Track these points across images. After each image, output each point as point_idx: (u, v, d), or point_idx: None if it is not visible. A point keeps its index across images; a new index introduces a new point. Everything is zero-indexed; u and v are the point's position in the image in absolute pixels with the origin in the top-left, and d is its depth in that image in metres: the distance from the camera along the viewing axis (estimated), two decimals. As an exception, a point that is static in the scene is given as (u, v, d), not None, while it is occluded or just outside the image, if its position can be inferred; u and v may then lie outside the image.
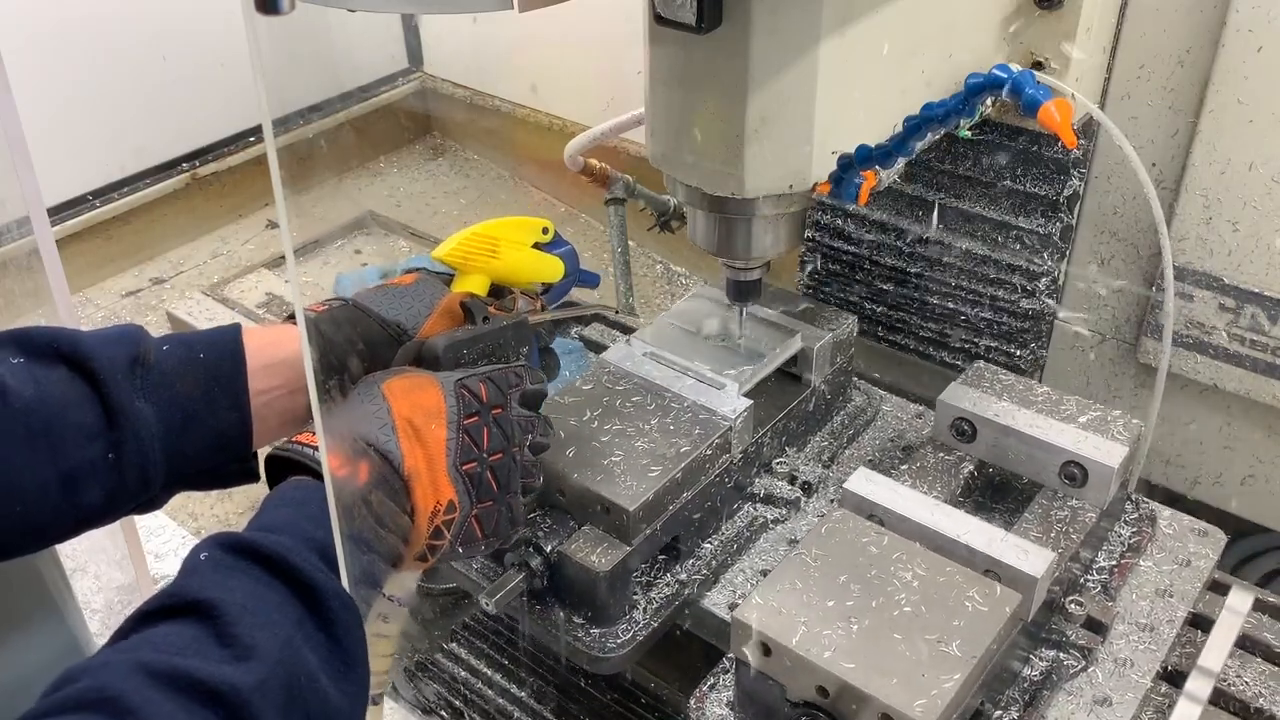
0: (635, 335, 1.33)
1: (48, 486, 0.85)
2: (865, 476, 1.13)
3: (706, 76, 1.00)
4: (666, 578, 1.18)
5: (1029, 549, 1.03)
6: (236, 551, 0.77)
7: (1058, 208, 1.34)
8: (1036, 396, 1.22)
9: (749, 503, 1.27)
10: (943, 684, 0.90)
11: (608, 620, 1.12)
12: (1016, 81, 1.01)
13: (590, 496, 1.11)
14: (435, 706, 1.52)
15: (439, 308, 1.07)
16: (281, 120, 3.03)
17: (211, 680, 0.67)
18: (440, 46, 3.37)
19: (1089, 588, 1.16)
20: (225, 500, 2.25)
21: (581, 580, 1.10)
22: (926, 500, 1.10)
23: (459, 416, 0.92)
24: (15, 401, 0.84)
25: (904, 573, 1.01)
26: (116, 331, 0.93)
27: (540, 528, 1.12)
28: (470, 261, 1.11)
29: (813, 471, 1.30)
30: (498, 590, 1.09)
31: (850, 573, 1.01)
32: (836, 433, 1.38)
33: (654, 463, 1.13)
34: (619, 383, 1.24)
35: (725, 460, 1.20)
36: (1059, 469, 1.16)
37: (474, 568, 1.19)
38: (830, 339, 1.32)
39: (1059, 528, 1.12)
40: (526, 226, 1.15)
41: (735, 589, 1.19)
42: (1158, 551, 1.21)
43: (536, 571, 1.11)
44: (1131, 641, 1.11)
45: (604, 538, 1.11)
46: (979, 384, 1.24)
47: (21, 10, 2.58)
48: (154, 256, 3.04)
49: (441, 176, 3.38)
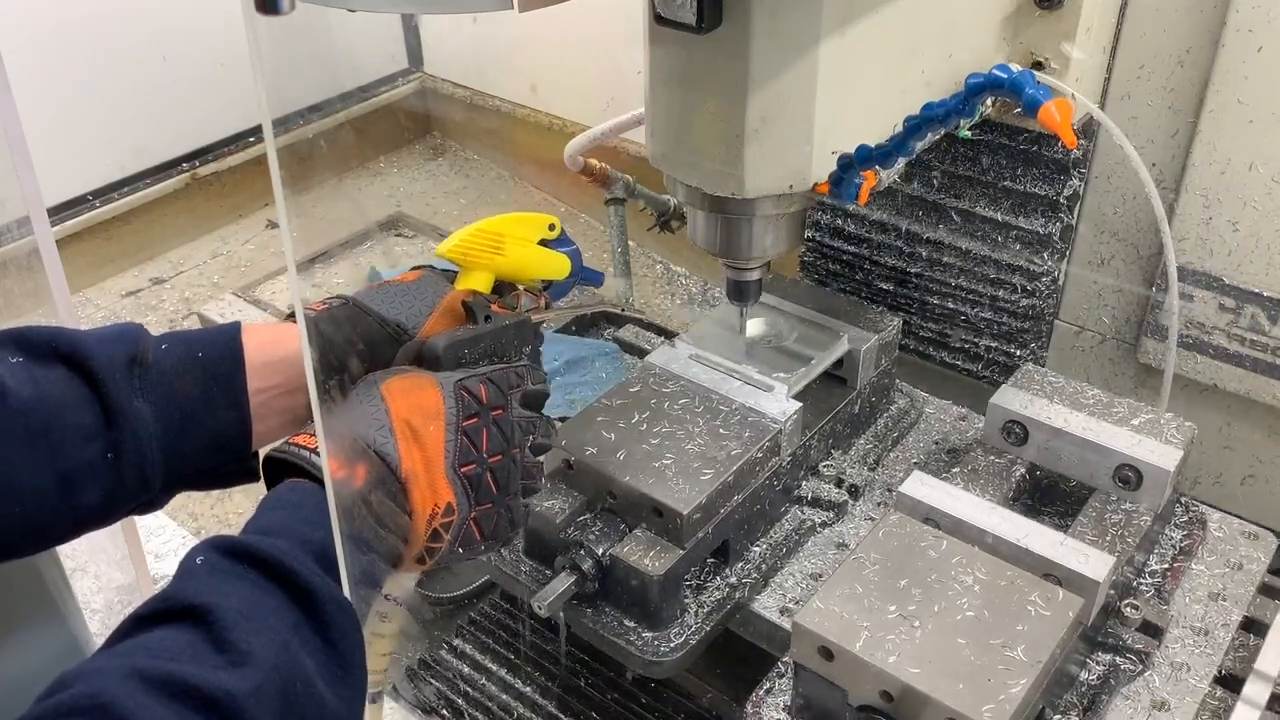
0: (679, 337, 1.33)
1: (46, 487, 0.85)
2: (920, 480, 1.13)
3: (706, 76, 1.00)
4: (717, 581, 1.18)
5: (1089, 553, 1.03)
6: (232, 555, 0.76)
7: (1058, 208, 1.34)
8: (1088, 399, 1.22)
9: (796, 505, 1.27)
10: (1009, 689, 0.90)
11: (660, 624, 1.12)
12: (1016, 81, 1.01)
13: (642, 499, 1.11)
14: (436, 706, 1.52)
15: (441, 306, 1.06)
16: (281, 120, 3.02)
17: (206, 686, 0.67)
18: (440, 46, 3.37)
19: (1143, 591, 1.16)
20: (225, 500, 2.25)
21: (634, 583, 1.10)
22: (983, 504, 1.10)
23: (458, 418, 0.91)
24: (14, 401, 0.84)
25: (964, 576, 1.01)
26: (115, 330, 0.93)
27: (590, 531, 1.12)
28: (475, 258, 1.10)
29: (859, 474, 1.30)
30: (549, 594, 1.08)
31: (910, 577, 1.01)
32: (881, 435, 1.38)
33: (705, 465, 1.13)
34: (666, 385, 1.25)
35: (775, 463, 1.20)
36: (1113, 472, 1.16)
37: (523, 570, 1.19)
38: (876, 341, 1.32)
39: (1114, 531, 1.12)
40: (532, 223, 1.14)
41: (785, 592, 1.19)
42: (1209, 555, 1.21)
43: (588, 575, 1.10)
44: (1187, 645, 1.11)
45: (656, 541, 1.11)
46: (1029, 386, 1.24)
47: (21, 10, 2.58)
48: (154, 256, 3.03)
49: (441, 176, 3.37)
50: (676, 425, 1.19)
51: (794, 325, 1.32)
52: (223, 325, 0.97)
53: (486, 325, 1.03)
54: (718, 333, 1.33)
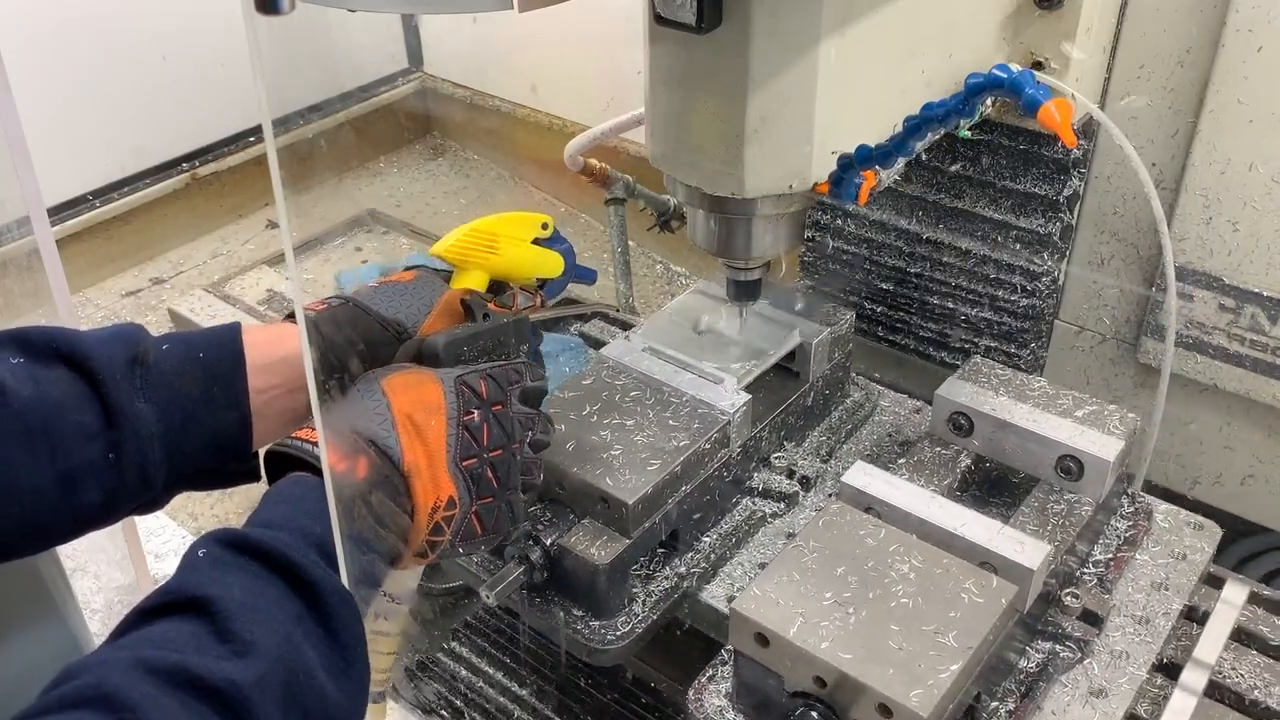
0: (634, 331, 1.33)
1: (47, 487, 0.85)
2: (862, 470, 1.13)
3: (706, 76, 1.00)
4: (665, 571, 1.19)
5: (1025, 541, 1.04)
6: (235, 548, 0.77)
7: (1058, 208, 1.34)
8: (1033, 390, 1.22)
9: (747, 497, 1.28)
10: (939, 675, 0.91)
11: (607, 613, 1.13)
12: (1016, 81, 1.01)
13: (590, 490, 1.12)
14: (435, 706, 1.52)
15: (439, 305, 1.07)
16: (281, 120, 3.03)
17: (211, 677, 0.67)
18: (440, 46, 3.37)
19: (1085, 580, 1.16)
20: (225, 500, 2.25)
21: (581, 573, 1.11)
22: (923, 493, 1.11)
23: (459, 413, 0.92)
24: (14, 401, 0.84)
25: (901, 565, 1.01)
26: (115, 331, 0.93)
27: (540, 521, 1.13)
28: (469, 258, 1.11)
29: (811, 466, 1.31)
30: (498, 583, 1.09)
31: (847, 565, 1.02)
32: (834, 428, 1.38)
33: (653, 456, 1.14)
34: (618, 377, 1.25)
35: (724, 454, 1.21)
36: (1055, 462, 1.17)
37: (475, 561, 1.20)
38: (829, 334, 1.32)
39: (1055, 520, 1.13)
40: (526, 222, 1.15)
41: (734, 582, 1.20)
42: (1153, 545, 1.22)
43: (536, 564, 1.11)
44: (1127, 634, 1.11)
45: (603, 531, 1.12)
46: (976, 378, 1.25)
47: (21, 10, 2.58)
48: (154, 256, 3.03)
49: (441, 176, 3.37)
50: (627, 417, 1.20)
51: (748, 319, 1.33)
52: (222, 326, 0.97)
53: (485, 323, 1.03)
54: (672, 326, 1.34)
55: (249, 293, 2.44)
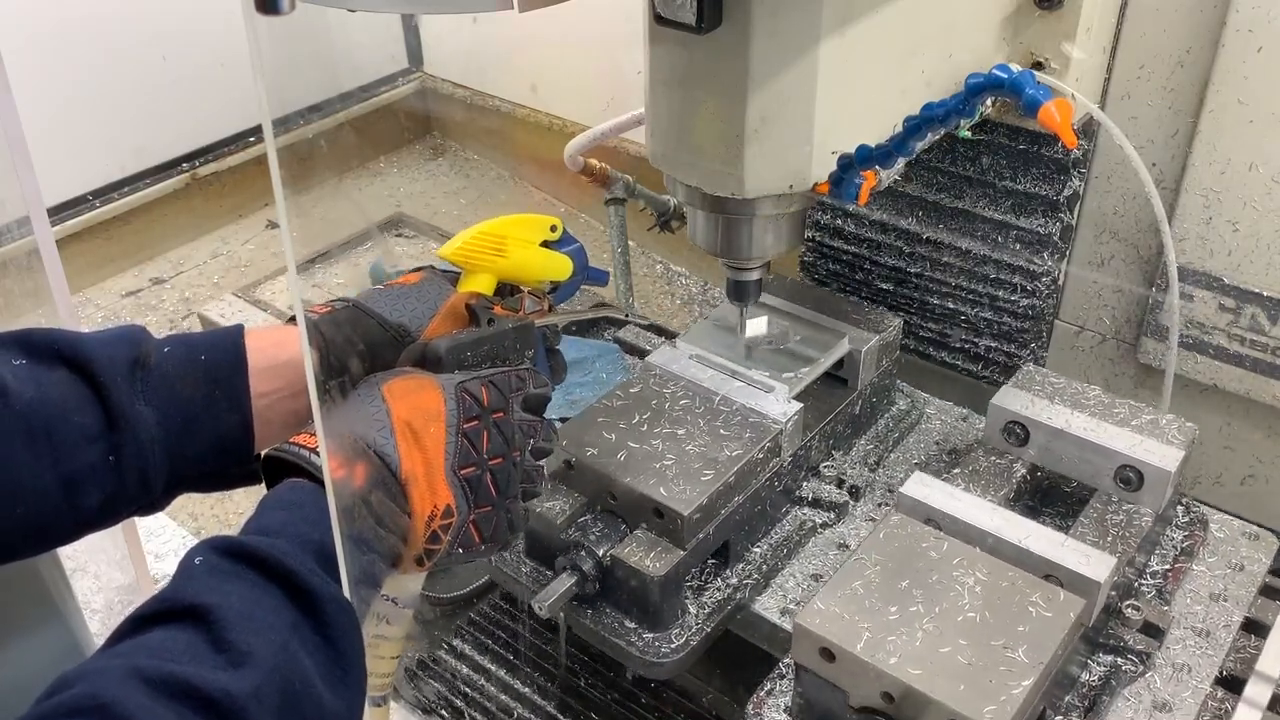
0: (680, 338, 1.32)
1: (48, 488, 0.85)
2: (921, 481, 1.12)
3: (706, 76, 1.00)
4: (717, 582, 1.18)
5: (1090, 554, 1.03)
6: (232, 555, 0.76)
7: (1058, 208, 1.34)
8: (1089, 400, 1.21)
9: (797, 506, 1.27)
10: (1011, 690, 0.90)
11: (661, 625, 1.12)
12: (1016, 81, 1.01)
13: (643, 500, 1.11)
14: (435, 706, 1.52)
15: (444, 309, 1.06)
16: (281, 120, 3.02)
17: (207, 687, 0.67)
18: (440, 46, 3.37)
19: (1144, 592, 1.16)
20: (225, 501, 2.25)
21: (635, 584, 1.10)
22: (984, 504, 1.10)
23: (459, 420, 0.91)
24: (16, 403, 0.84)
25: (965, 578, 1.00)
26: (117, 333, 0.93)
27: (591, 531, 1.12)
28: (477, 260, 1.10)
29: (860, 475, 1.30)
30: (549, 595, 1.08)
31: (911, 578, 1.00)
32: (881, 436, 1.37)
33: (706, 466, 1.13)
34: (666, 386, 1.24)
35: (776, 464, 1.20)
36: (1114, 473, 1.16)
37: (523, 571, 1.19)
38: (877, 341, 1.31)
39: (1115, 532, 1.12)
40: (534, 224, 1.14)
41: (785, 593, 1.19)
42: (1210, 555, 1.21)
43: (588, 575, 1.10)
44: (1188, 646, 1.11)
45: (657, 541, 1.11)
46: (1030, 387, 1.24)
47: (21, 10, 2.58)
48: (154, 256, 3.03)
49: (441, 176, 3.37)
50: (677, 426, 1.18)
51: (795, 326, 1.32)
52: (225, 328, 0.97)
53: (489, 328, 1.02)
54: (718, 333, 1.33)
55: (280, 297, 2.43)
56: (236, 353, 0.94)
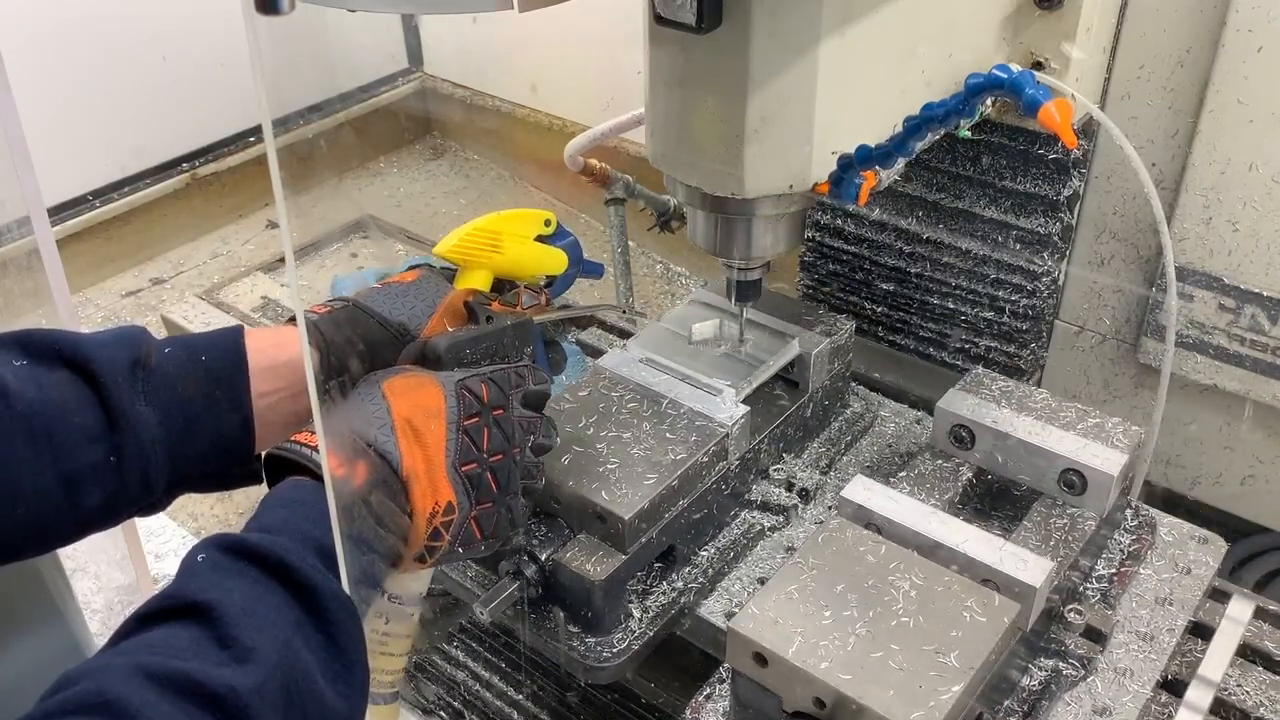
0: (632, 341, 1.32)
1: (49, 489, 0.85)
2: (863, 484, 1.12)
3: (706, 77, 1.00)
4: (663, 585, 1.17)
5: (1028, 558, 1.02)
6: (235, 553, 0.77)
7: (1058, 208, 1.34)
8: (1035, 403, 1.21)
9: (746, 510, 1.26)
10: (940, 695, 0.90)
11: (603, 629, 1.11)
12: (1016, 82, 1.01)
13: (585, 504, 1.10)
14: (435, 707, 1.51)
15: (442, 306, 1.06)
16: (281, 120, 3.03)
17: (211, 683, 0.67)
18: (440, 46, 3.37)
19: (1088, 596, 1.15)
20: (225, 501, 2.25)
21: (577, 589, 1.09)
22: (924, 508, 1.09)
23: (459, 417, 0.91)
24: (17, 404, 0.84)
25: (902, 582, 1.00)
26: (117, 334, 0.93)
27: (535, 535, 1.12)
28: (473, 257, 1.10)
29: (810, 478, 1.29)
30: (492, 599, 1.08)
31: (847, 582, 1.00)
32: (834, 439, 1.37)
33: (650, 470, 1.12)
34: (615, 389, 1.23)
35: (722, 467, 1.19)
36: (1058, 476, 1.15)
37: (468, 575, 1.18)
38: (828, 345, 1.31)
39: (1058, 535, 1.11)
40: (528, 219, 1.14)
41: (732, 597, 1.18)
42: (1158, 559, 1.20)
43: (531, 580, 1.10)
44: (1131, 650, 1.10)
45: (599, 546, 1.10)
46: (977, 390, 1.23)
47: (21, 10, 2.58)
48: (154, 256, 3.03)
49: (441, 176, 3.37)
50: (623, 429, 1.18)
51: (745, 329, 1.31)
52: (225, 328, 0.97)
53: (488, 325, 1.03)
54: (669, 337, 1.32)
55: (244, 299, 2.44)
56: (237, 353, 0.95)
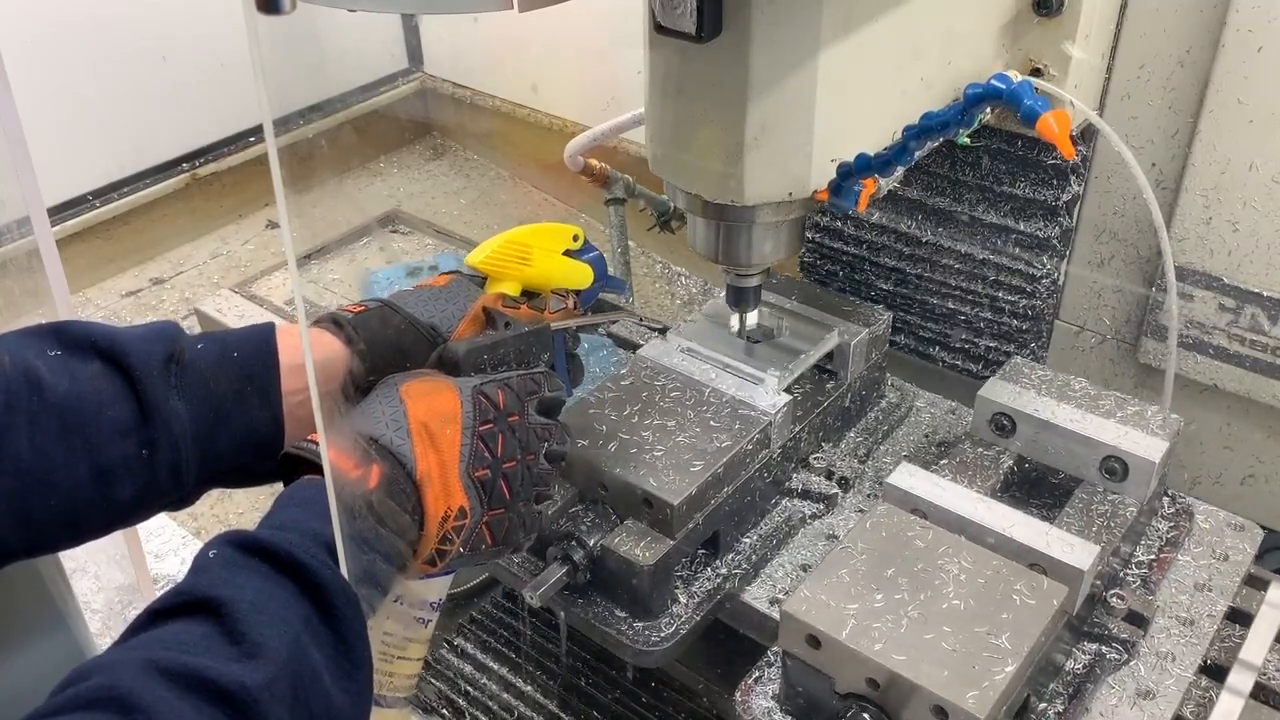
0: (672, 331, 1.33)
1: (82, 481, 0.86)
2: (907, 471, 1.13)
3: (707, 85, 1.00)
4: (707, 572, 1.18)
5: (1074, 543, 1.04)
6: (246, 549, 0.77)
7: (1057, 211, 1.34)
8: (1075, 391, 1.22)
9: (786, 497, 1.27)
10: (995, 675, 0.91)
11: (650, 614, 1.12)
12: (1015, 93, 1.01)
13: (633, 491, 1.11)
14: (436, 706, 1.52)
15: (472, 311, 1.07)
16: (281, 120, 3.03)
17: (221, 679, 0.68)
18: (440, 46, 3.37)
19: (1129, 582, 1.16)
20: (225, 500, 2.26)
21: (624, 574, 1.10)
22: (970, 494, 1.11)
23: (474, 422, 0.92)
24: (51, 395, 0.85)
25: (950, 566, 1.01)
26: (152, 328, 0.93)
27: (582, 522, 1.13)
28: (503, 269, 1.12)
29: (849, 467, 1.30)
30: (541, 584, 1.09)
31: (897, 566, 1.01)
32: (871, 428, 1.38)
33: (695, 457, 1.14)
34: (657, 378, 1.25)
35: (765, 455, 1.21)
36: (1100, 463, 1.16)
37: (515, 561, 1.20)
38: (866, 335, 1.32)
39: (1100, 521, 1.13)
40: (558, 234, 1.16)
41: (775, 583, 1.20)
42: (1195, 546, 1.21)
43: (579, 565, 1.11)
44: (1172, 635, 1.11)
45: (647, 532, 1.12)
46: (1017, 379, 1.25)
47: (22, 11, 2.58)
48: (154, 256, 3.04)
49: (441, 176, 3.37)
50: (667, 418, 1.19)
51: (785, 319, 1.33)
52: (257, 326, 0.98)
53: (506, 331, 1.03)
54: (709, 327, 1.34)
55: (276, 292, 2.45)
56: (268, 350, 0.95)
